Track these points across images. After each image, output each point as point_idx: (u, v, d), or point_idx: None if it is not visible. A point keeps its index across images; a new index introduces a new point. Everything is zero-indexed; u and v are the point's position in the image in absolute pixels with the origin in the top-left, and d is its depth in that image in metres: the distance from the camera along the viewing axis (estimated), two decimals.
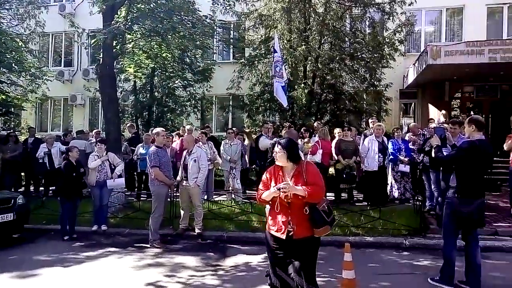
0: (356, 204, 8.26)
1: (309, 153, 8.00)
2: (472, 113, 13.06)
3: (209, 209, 7.53)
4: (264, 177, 3.50)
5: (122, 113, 12.91)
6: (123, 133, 10.73)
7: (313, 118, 11.07)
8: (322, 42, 11.69)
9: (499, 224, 6.55)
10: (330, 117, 11.79)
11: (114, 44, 8.42)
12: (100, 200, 7.04)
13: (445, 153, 4.57)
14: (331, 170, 8.88)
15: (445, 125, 8.15)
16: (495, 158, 10.23)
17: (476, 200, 4.23)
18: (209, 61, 12.89)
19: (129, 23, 8.22)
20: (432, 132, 6.95)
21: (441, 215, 6.35)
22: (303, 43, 10.69)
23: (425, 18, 15.12)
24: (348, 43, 12.04)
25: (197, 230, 6.60)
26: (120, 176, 7.24)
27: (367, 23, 12.02)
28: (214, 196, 8.55)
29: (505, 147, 7.35)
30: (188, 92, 12.60)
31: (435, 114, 12.87)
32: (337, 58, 11.13)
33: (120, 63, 11.55)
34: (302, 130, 9.19)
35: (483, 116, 13.68)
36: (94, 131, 11.06)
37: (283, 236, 3.26)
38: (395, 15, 11.27)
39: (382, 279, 4.76)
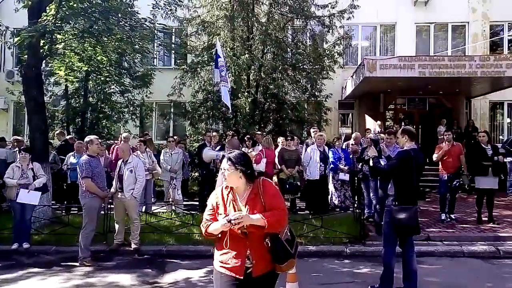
0: (299, 213, 8.28)
1: (254, 162, 7.89)
2: (403, 124, 13.92)
3: (147, 222, 7.08)
4: (210, 202, 2.80)
5: (52, 119, 11.91)
6: (52, 141, 9.86)
7: (257, 127, 11.05)
8: (265, 51, 11.78)
9: (431, 230, 6.91)
10: (273, 126, 11.86)
11: (41, 44, 7.71)
12: (21, 215, 6.30)
13: (382, 163, 4.72)
14: (274, 179, 8.84)
15: (382, 135, 8.53)
16: (425, 166, 10.93)
17: (412, 207, 4.36)
18: (149, 67, 12.36)
19: (59, 22, 7.59)
20: (369, 141, 7.23)
21: (379, 223, 6.58)
22: (246, 52, 10.66)
23: (362, 33, 15.95)
24: (290, 54, 12.26)
25: (133, 245, 6.15)
26: (39, 189, 6.44)
27: (308, 35, 12.35)
28: (153, 208, 8.10)
29: (434, 158, 7.80)
30: (126, 98, 11.95)
31: (371, 124, 13.49)
32: (280, 68, 11.27)
33: (50, 65, 10.66)
34: (245, 139, 9.09)
35: (414, 127, 14.64)
36: (13, 137, 10.02)
37: (240, 275, 2.59)
38: (334, 28, 11.72)
39: None
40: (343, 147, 8.98)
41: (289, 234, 2.71)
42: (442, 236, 6.60)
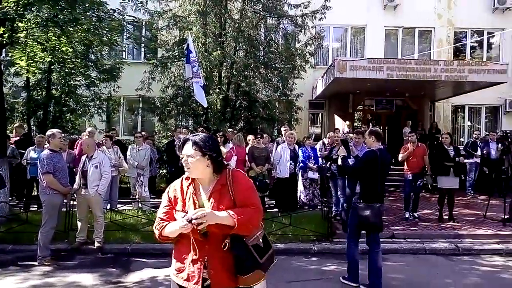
0: (268, 211, 8.30)
1: (224, 160, 7.83)
2: (371, 124, 14.28)
3: (112, 220, 6.86)
4: (165, 197, 2.28)
5: (11, 111, 11.32)
6: (10, 134, 9.37)
7: (228, 124, 10.98)
8: (238, 49, 11.71)
9: (396, 228, 7.10)
10: (244, 124, 11.82)
11: (1, 32, 7.29)
12: None
13: (350, 162, 4.83)
14: None
15: (350, 134, 8.69)
16: (391, 166, 11.23)
17: (377, 205, 4.50)
18: (117, 60, 11.99)
19: (21, 9, 7.20)
20: (338, 141, 7.36)
21: (346, 220, 6.68)
22: (218, 48, 10.55)
23: (333, 35, 16.21)
24: (262, 52, 12.26)
25: (96, 244, 5.93)
26: None
27: (280, 34, 12.38)
28: (118, 206, 7.86)
29: (400, 158, 8.03)
30: (92, 92, 11.53)
31: (340, 124, 13.76)
32: (252, 66, 11.23)
33: (10, 55, 10.11)
34: (217, 136, 9.00)
35: (381, 127, 15.06)
36: None
37: None
38: (306, 28, 11.80)
39: (293, 286, 4.76)
40: (320, 145, 9.07)
41: (261, 240, 2.20)
42: (406, 234, 6.80)
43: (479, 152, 10.85)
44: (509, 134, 7.79)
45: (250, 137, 8.72)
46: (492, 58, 15.90)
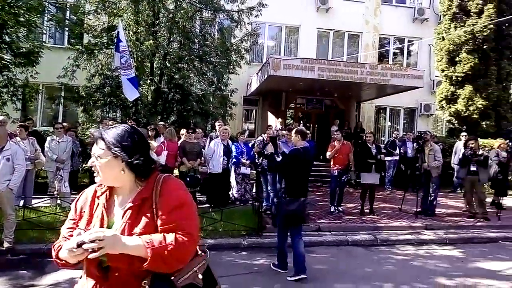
0: (199, 206, 8.16)
1: (154, 154, 7.55)
2: (302, 122, 14.77)
3: (25, 218, 6.25)
4: (72, 208, 1.73)
5: None
6: None
7: (159, 117, 10.61)
8: (171, 40, 11.36)
9: (322, 221, 7.42)
10: (176, 118, 11.52)
11: None
12: None
13: (278, 159, 5.10)
14: (175, 172, 8.61)
15: (283, 131, 8.89)
16: (319, 163, 11.73)
17: (300, 199, 4.81)
18: (36, 43, 10.94)
19: None
20: (267, 138, 7.49)
21: (275, 214, 6.84)
22: (151, 38, 10.13)
23: (268, 32, 16.46)
24: (197, 45, 12.04)
25: (6, 244, 5.36)
26: None
27: (216, 27, 12.26)
28: (33, 202, 7.19)
29: (328, 155, 8.40)
30: (5, 77, 10.40)
31: (273, 121, 14.03)
32: (186, 58, 10.97)
33: None
34: (147, 129, 8.65)
35: (311, 126, 15.66)
36: None
37: None
38: (242, 24, 11.82)
39: (221, 281, 4.72)
40: (260, 141, 9.10)
41: (200, 277, 1.64)
42: (331, 227, 7.14)
43: (397, 151, 11.76)
44: (422, 135, 8.50)
45: (183, 131, 8.52)
46: (411, 64, 17.34)
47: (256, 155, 8.31)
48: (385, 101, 16.33)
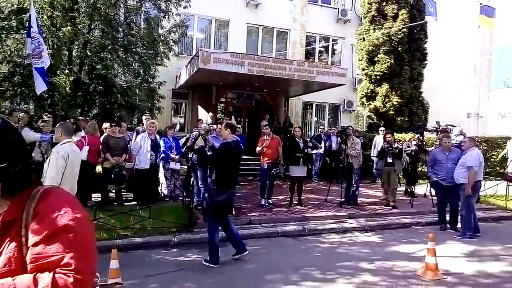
0: (125, 204, 7.80)
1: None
2: (233, 117, 14.79)
3: None
4: None
5: None
6: None
7: (79, 110, 9.85)
8: (93, 27, 10.57)
9: (252, 214, 7.51)
10: (99, 111, 10.80)
11: None
12: None
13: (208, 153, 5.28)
14: (98, 169, 8.10)
15: (214, 126, 8.80)
16: (249, 157, 11.83)
17: (228, 191, 5.02)
18: None
19: None
20: (202, 130, 7.37)
21: (207, 209, 6.76)
22: (68, 24, 9.31)
23: (198, 25, 16.16)
24: (122, 34, 11.34)
25: None
26: None
27: (142, 17, 11.69)
28: None
29: (258, 150, 8.52)
30: None
31: (204, 115, 13.86)
32: (109, 47, 10.29)
33: None
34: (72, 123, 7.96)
35: (242, 120, 15.76)
36: None
37: None
38: (170, 14, 11.41)
39: (151, 280, 4.56)
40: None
41: None
42: (261, 219, 7.25)
43: (323, 144, 12.33)
44: (345, 129, 9.00)
45: (106, 125, 8.02)
46: (335, 62, 18.27)
47: (187, 150, 8.19)
48: (311, 97, 17.02)
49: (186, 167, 8.52)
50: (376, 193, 10.37)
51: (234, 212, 6.37)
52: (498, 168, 13.44)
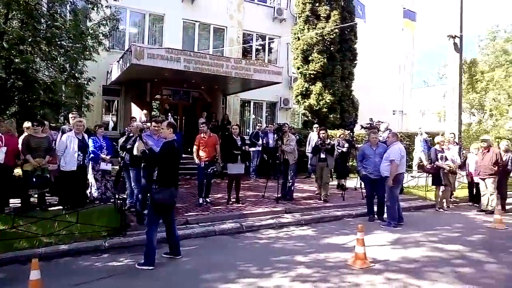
0: (50, 209, 7.24)
1: None
2: (170, 114, 14.42)
3: None
4: None
5: None
6: None
7: None
8: (10, 17, 9.63)
9: (190, 214, 7.36)
10: (18, 108, 9.87)
11: None
12: None
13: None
14: (18, 172, 7.43)
15: (148, 124, 8.49)
16: (187, 155, 11.62)
17: (170, 189, 5.05)
18: None
19: None
20: (135, 129, 7.07)
21: (141, 211, 6.53)
22: None
23: (130, 19, 15.49)
24: (44, 26, 10.48)
25: None
26: None
27: (68, 8, 10.90)
28: None
29: (195, 148, 8.36)
30: None
31: (138, 113, 13.33)
32: (30, 40, 9.45)
33: None
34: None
35: (178, 117, 15.43)
36: None
37: None
38: (99, 6, 10.77)
39: None
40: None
41: None
42: (199, 219, 7.14)
43: (260, 142, 12.49)
44: (282, 127, 9.19)
45: (27, 124, 7.36)
46: (272, 61, 18.59)
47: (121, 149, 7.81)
48: (249, 94, 17.14)
49: (117, 167, 8.10)
50: (310, 188, 10.73)
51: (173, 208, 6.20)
52: (419, 161, 14.61)
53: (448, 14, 12.61)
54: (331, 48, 15.51)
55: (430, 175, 9.58)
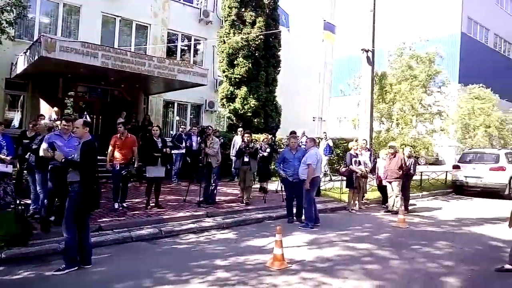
0: None
1: None
2: (86, 113, 13.41)
3: None
4: None
5: None
6: None
7: None
8: None
9: (103, 220, 6.89)
10: None
11: None
12: None
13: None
14: None
15: (57, 122, 7.80)
16: (102, 157, 10.92)
17: (95, 188, 4.94)
18: None
19: None
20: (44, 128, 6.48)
21: (45, 218, 5.95)
22: None
23: (41, 7, 14.15)
24: None
25: None
26: None
27: None
28: None
29: (109, 150, 7.90)
30: None
31: (47, 110, 12.20)
32: None
33: None
34: None
35: (94, 116, 14.47)
36: None
37: None
38: None
39: None
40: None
41: None
42: (113, 224, 6.72)
43: (183, 144, 12.22)
44: (205, 129, 9.08)
45: None
46: (197, 62, 18.34)
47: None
48: (173, 95, 16.70)
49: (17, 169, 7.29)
50: (233, 191, 10.76)
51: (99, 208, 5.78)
52: (335, 165, 15.53)
53: (362, 29, 13.59)
54: (256, 54, 15.79)
55: (345, 178, 10.21)
